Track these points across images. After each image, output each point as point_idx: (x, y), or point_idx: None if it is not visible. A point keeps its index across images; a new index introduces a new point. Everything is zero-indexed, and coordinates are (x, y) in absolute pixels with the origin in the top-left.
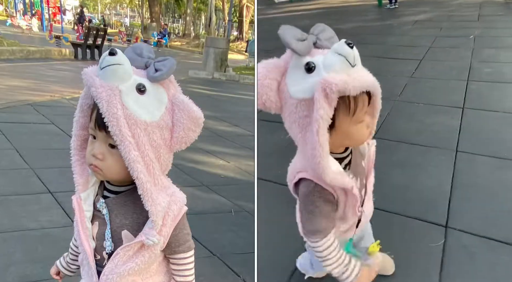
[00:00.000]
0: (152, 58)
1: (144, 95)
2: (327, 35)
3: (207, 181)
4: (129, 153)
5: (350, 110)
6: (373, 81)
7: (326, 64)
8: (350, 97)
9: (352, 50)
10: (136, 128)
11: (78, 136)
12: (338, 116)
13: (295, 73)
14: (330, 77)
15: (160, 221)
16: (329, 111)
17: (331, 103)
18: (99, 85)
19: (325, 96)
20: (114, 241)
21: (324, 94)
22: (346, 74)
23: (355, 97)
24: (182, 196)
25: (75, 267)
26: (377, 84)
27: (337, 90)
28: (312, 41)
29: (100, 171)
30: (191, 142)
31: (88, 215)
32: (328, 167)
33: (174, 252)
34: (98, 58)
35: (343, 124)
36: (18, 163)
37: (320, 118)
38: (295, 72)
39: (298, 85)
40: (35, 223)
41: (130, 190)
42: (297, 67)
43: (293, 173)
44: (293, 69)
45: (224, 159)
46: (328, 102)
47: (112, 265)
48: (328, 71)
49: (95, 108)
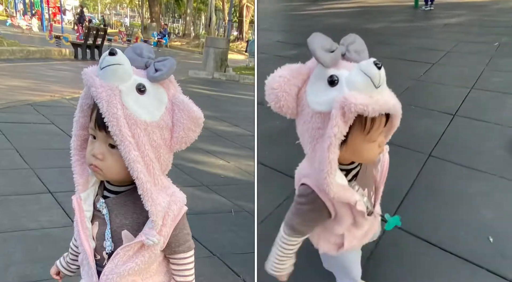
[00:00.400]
0: (152, 58)
1: (144, 95)
2: (357, 47)
3: (207, 181)
4: (129, 153)
5: (365, 129)
6: (394, 104)
7: (349, 81)
8: (367, 118)
9: (379, 71)
10: (136, 128)
11: (78, 136)
12: (352, 133)
13: (316, 83)
14: (351, 96)
15: (160, 221)
16: (344, 129)
17: (347, 122)
18: (99, 85)
19: (342, 115)
20: (114, 241)
21: (342, 113)
22: (369, 95)
23: (373, 118)
24: (182, 196)
25: (75, 267)
26: (398, 107)
27: (356, 111)
28: (340, 52)
29: (100, 171)
30: (191, 142)
31: (88, 215)
32: (333, 183)
33: (174, 252)
34: (98, 58)
35: (355, 141)
36: (18, 163)
37: (333, 136)
38: (317, 83)
39: (318, 97)
40: (35, 223)
41: (130, 190)
42: (320, 78)
43: (299, 177)
44: (316, 79)
45: (224, 159)
46: (344, 121)
47: (112, 265)
48: (350, 89)
49: (95, 108)
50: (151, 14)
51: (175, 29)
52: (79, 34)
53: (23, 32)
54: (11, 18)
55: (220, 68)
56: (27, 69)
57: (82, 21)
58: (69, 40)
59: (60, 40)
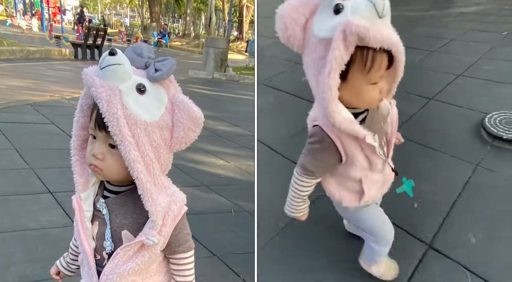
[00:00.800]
0: (152, 58)
1: (144, 95)
2: None
3: (207, 181)
4: (129, 153)
5: (366, 67)
6: (397, 41)
7: (353, 8)
8: (368, 52)
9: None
10: (136, 128)
11: (78, 136)
12: (353, 70)
13: (323, 12)
14: (354, 19)
15: (160, 221)
16: (345, 54)
17: (348, 47)
18: (99, 85)
19: (344, 39)
20: (114, 241)
21: (343, 36)
22: (371, 22)
23: (373, 55)
24: (182, 196)
25: (75, 267)
26: (401, 47)
27: (357, 33)
28: None
29: (100, 171)
30: (191, 142)
31: (88, 215)
32: (336, 111)
33: (174, 252)
34: (98, 58)
35: (355, 80)
36: (18, 163)
37: (334, 59)
38: (324, 12)
39: (323, 25)
40: (35, 223)
41: (130, 190)
42: (327, 7)
43: (311, 121)
44: (323, 8)
45: (224, 159)
46: (345, 45)
47: (112, 265)
48: (354, 15)
49: (95, 108)
50: (151, 14)
51: (175, 29)
52: (79, 34)
53: (23, 32)
54: (11, 18)
55: (220, 68)
56: (27, 69)
57: (82, 21)
58: (69, 40)
59: (60, 40)
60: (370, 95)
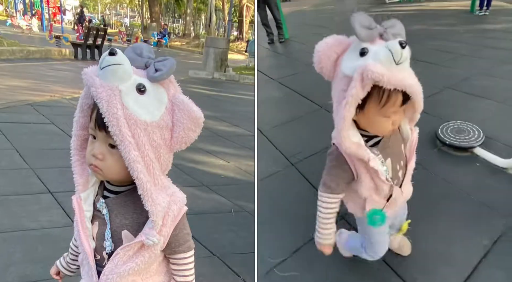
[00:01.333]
0: (152, 58)
1: (144, 95)
2: (395, 31)
3: (207, 181)
4: (129, 153)
5: (380, 102)
6: (411, 84)
7: (375, 54)
8: (384, 90)
9: (402, 49)
10: (136, 128)
11: (78, 136)
12: (369, 102)
13: (352, 53)
14: (371, 64)
15: (160, 221)
16: (360, 93)
17: (364, 87)
18: (99, 85)
19: (361, 80)
20: (114, 241)
21: (361, 78)
22: (388, 68)
23: (389, 94)
24: (182, 196)
25: (75, 267)
26: (417, 89)
27: (372, 78)
28: (378, 32)
29: (100, 171)
30: (191, 142)
31: (88, 215)
32: (346, 136)
33: (174, 252)
34: (98, 58)
35: (370, 110)
36: (18, 163)
37: (350, 96)
38: (352, 53)
39: (349, 63)
40: (35, 223)
41: (130, 190)
42: (355, 49)
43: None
44: (352, 49)
45: (224, 159)
46: (362, 86)
47: (112, 265)
48: (374, 60)
49: (95, 108)
50: (151, 14)
51: (175, 29)
52: (79, 34)
53: (23, 32)
54: (11, 18)
55: (220, 68)
56: (27, 69)
57: (82, 21)
58: (69, 40)
59: (60, 40)
60: (382, 126)
